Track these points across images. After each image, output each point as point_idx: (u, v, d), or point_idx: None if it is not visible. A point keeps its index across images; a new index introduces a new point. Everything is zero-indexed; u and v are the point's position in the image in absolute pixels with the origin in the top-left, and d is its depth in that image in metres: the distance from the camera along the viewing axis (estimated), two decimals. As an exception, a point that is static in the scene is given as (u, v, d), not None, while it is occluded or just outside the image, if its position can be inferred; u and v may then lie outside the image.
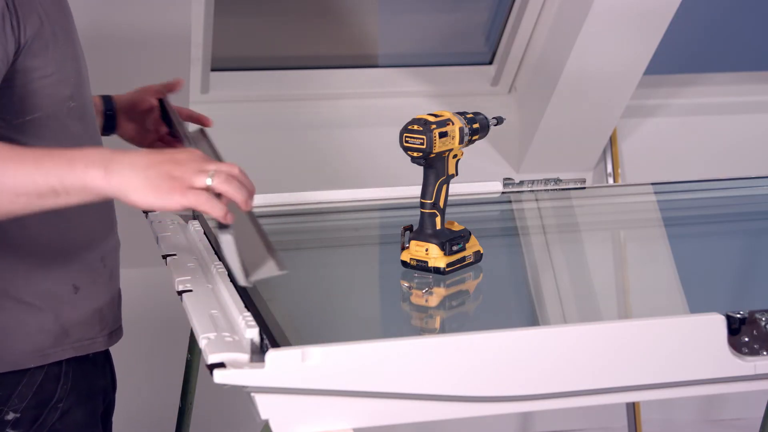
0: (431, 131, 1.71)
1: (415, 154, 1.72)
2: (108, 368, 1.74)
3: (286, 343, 1.40)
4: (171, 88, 1.94)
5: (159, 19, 2.57)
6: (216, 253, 1.76)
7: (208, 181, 1.32)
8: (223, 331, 1.42)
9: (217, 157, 1.70)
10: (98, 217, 1.65)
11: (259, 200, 2.16)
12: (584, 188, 2.31)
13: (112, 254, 1.69)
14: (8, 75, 1.47)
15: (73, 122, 1.57)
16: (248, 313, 1.45)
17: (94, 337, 1.64)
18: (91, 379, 1.67)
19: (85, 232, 1.62)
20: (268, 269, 1.45)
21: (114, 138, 1.93)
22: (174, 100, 1.94)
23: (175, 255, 1.77)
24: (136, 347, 2.97)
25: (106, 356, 1.72)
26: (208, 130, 1.91)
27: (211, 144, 1.83)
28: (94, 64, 2.59)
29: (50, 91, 1.52)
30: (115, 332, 1.70)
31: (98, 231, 1.66)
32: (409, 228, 1.79)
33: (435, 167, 1.75)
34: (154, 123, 1.91)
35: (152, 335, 2.95)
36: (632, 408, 3.23)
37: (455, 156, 1.77)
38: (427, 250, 1.76)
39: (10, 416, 1.57)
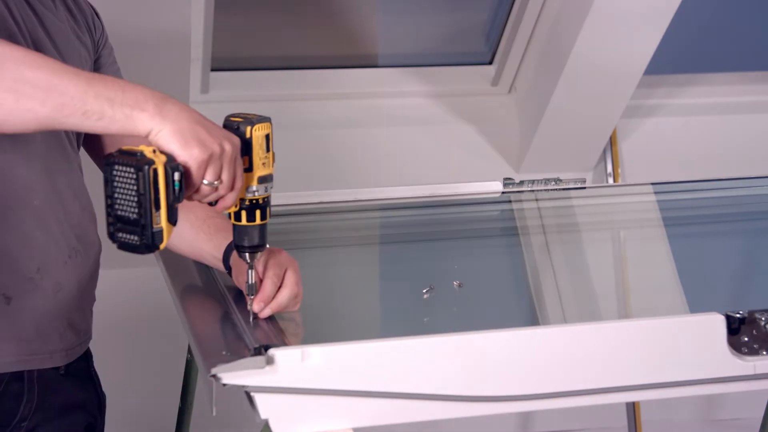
0: None
1: None
2: (91, 382, 1.64)
3: (287, 343, 1.39)
4: None
5: (159, 19, 2.57)
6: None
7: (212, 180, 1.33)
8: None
9: None
10: (51, 238, 1.52)
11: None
12: (584, 188, 2.31)
13: (54, 265, 1.53)
14: None
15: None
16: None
17: (53, 351, 1.52)
18: (64, 394, 1.56)
19: (22, 239, 1.49)
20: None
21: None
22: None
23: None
24: (136, 347, 2.98)
25: (87, 369, 1.63)
26: None
27: None
28: (94, 64, 2.61)
29: None
30: (73, 349, 1.57)
31: (42, 244, 1.51)
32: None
33: None
34: None
35: (152, 335, 2.94)
36: (632, 408, 3.22)
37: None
38: None
39: None
